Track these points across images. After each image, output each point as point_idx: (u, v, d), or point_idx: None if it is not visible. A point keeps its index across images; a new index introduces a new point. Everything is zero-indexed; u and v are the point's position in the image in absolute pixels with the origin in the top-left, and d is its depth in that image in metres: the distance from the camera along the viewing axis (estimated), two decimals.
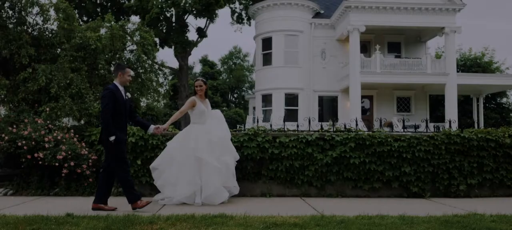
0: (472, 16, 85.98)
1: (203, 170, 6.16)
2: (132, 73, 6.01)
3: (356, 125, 7.73)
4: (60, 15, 9.44)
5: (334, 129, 7.58)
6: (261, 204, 6.21)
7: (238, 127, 31.67)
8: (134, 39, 11.23)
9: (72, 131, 7.46)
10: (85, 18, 28.72)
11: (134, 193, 5.65)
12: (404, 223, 4.60)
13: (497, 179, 7.46)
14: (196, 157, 6.13)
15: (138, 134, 7.15)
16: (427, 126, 7.97)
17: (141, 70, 11.51)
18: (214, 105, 45.98)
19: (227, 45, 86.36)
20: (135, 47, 11.04)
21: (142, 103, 15.18)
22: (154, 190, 7.17)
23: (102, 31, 10.58)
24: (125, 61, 10.68)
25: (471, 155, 7.39)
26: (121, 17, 28.17)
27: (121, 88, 5.78)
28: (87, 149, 7.29)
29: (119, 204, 5.87)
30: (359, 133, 7.42)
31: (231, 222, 4.54)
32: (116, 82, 5.82)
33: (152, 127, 6.14)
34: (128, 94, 6.07)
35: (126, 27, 10.73)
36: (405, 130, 8.09)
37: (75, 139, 7.21)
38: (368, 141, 7.30)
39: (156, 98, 13.34)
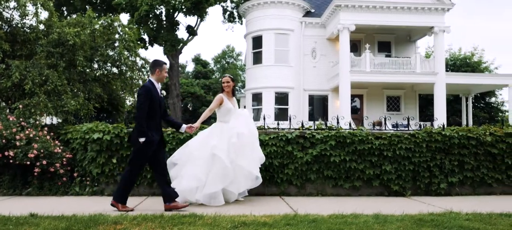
0: (464, 15, 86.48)
1: (214, 168, 5.89)
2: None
3: (337, 122, 7.62)
4: (38, 10, 9.25)
5: (315, 127, 7.47)
6: (236, 203, 6.08)
7: None
8: (117, 36, 11.06)
9: (46, 128, 7.27)
10: (74, 16, 28.45)
11: (126, 196, 5.47)
12: (377, 221, 4.49)
13: (478, 177, 7.39)
14: (212, 153, 5.87)
15: (113, 132, 6.99)
16: (408, 124, 7.87)
17: (125, 68, 11.34)
18: (207, 104, 45.91)
19: (220, 44, 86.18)
20: (117, 44, 10.88)
21: (128, 102, 15.01)
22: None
23: (95, 27, 10.39)
24: (107, 58, 10.51)
25: (452, 153, 7.32)
26: (111, 14, 27.94)
27: (157, 85, 5.59)
28: (61, 147, 7.11)
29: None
30: (340, 131, 7.31)
31: (199, 221, 4.40)
32: (152, 79, 5.60)
33: (184, 126, 5.98)
34: (163, 92, 5.92)
35: (107, 22, 10.54)
36: (397, 129, 8.00)
37: (48, 137, 7.03)
38: (349, 139, 7.20)
39: None
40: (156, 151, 5.51)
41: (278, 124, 7.92)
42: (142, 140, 5.29)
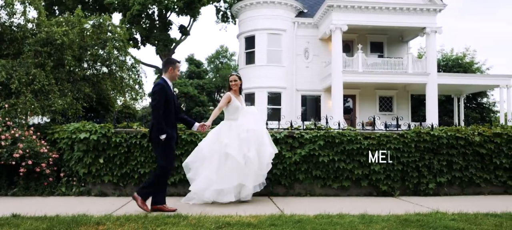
0: (457, 16, 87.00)
1: (226, 166, 5.94)
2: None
3: (326, 122, 7.60)
4: (27, 8, 9.15)
5: (304, 127, 7.45)
6: (223, 203, 6.03)
7: None
8: (108, 35, 10.96)
9: (32, 128, 7.19)
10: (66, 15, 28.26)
11: (149, 193, 5.40)
12: (362, 222, 4.47)
13: (467, 177, 7.40)
14: (225, 152, 5.92)
15: (100, 132, 6.92)
16: (397, 124, 7.88)
17: (115, 68, 11.26)
18: (201, 104, 45.75)
19: (214, 44, 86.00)
20: (107, 43, 10.79)
21: (119, 102, 14.91)
22: (117, 189, 6.98)
23: (83, 26, 10.30)
24: (96, 57, 10.42)
25: (441, 153, 7.32)
26: (103, 14, 27.79)
27: (170, 83, 5.61)
28: (48, 147, 7.04)
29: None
30: (328, 131, 7.29)
31: (183, 222, 4.36)
32: (165, 77, 5.62)
33: (196, 124, 5.99)
34: (176, 90, 5.90)
35: (97, 22, 10.46)
36: (388, 129, 7.97)
37: (34, 137, 6.95)
38: (338, 139, 7.18)
39: (134, 96, 13.06)
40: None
41: (267, 124, 7.86)
42: (163, 137, 5.32)
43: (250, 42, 24.46)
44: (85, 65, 10.75)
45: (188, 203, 6.04)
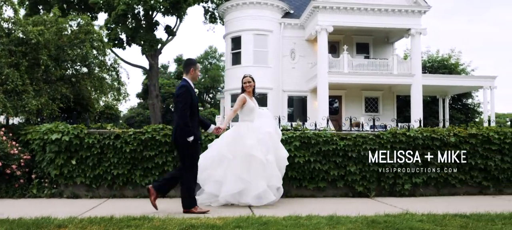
0: (445, 17, 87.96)
1: (253, 168, 5.90)
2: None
3: (303, 124, 7.58)
4: (4, 8, 9.01)
5: (280, 128, 7.41)
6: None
7: None
8: (86, 35, 10.82)
9: (3, 129, 7.05)
10: (51, 14, 27.91)
11: (194, 197, 5.41)
12: (329, 223, 4.45)
13: (442, 178, 7.43)
14: (247, 154, 5.88)
15: (73, 133, 6.81)
16: (374, 125, 7.89)
17: (96, 68, 11.13)
18: None
19: (203, 45, 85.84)
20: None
21: (101, 103, 14.74)
22: (90, 191, 6.88)
23: (60, 26, 10.14)
24: (74, 57, 10.29)
25: (418, 153, 7.33)
26: (88, 13, 27.50)
27: (192, 84, 5.59)
28: (19, 148, 6.90)
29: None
30: (304, 131, 7.27)
31: (148, 224, 4.29)
32: (187, 78, 5.60)
33: (212, 126, 6.00)
34: (196, 90, 5.83)
35: (74, 21, 10.33)
36: (373, 130, 7.98)
37: (4, 138, 6.81)
38: (314, 140, 7.16)
39: (116, 97, 12.93)
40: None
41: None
42: (190, 139, 5.28)
43: (236, 43, 24.41)
44: (64, 65, 10.61)
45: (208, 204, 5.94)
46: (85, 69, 11.08)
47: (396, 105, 25.10)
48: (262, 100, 23.68)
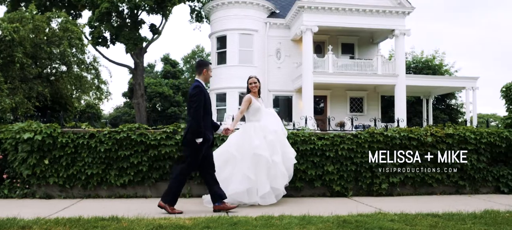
0: (433, 20, 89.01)
1: (260, 168, 5.93)
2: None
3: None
4: None
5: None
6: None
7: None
8: (67, 34, 10.65)
9: None
10: (34, 12, 27.45)
11: (176, 198, 5.36)
12: (301, 223, 4.42)
13: (419, 177, 7.47)
14: (255, 153, 5.89)
15: (45, 132, 6.67)
16: (352, 125, 7.90)
17: (75, 67, 10.95)
18: (176, 105, 45.27)
19: (190, 44, 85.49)
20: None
21: (82, 102, 14.53)
22: (63, 191, 6.75)
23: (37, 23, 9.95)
24: (52, 55, 10.10)
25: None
26: (72, 11, 27.13)
27: (204, 85, 5.60)
28: None
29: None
30: None
31: (115, 225, 4.20)
32: (199, 79, 5.60)
33: (221, 127, 6.03)
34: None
35: (54, 19, 10.14)
36: (356, 130, 7.99)
37: None
38: (291, 139, 7.12)
39: (98, 96, 12.76)
40: (206, 149, 5.51)
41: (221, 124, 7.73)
42: (199, 140, 5.29)
43: (221, 42, 24.31)
44: (42, 63, 10.42)
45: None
46: (64, 68, 10.88)
47: (381, 105, 25.27)
48: None
